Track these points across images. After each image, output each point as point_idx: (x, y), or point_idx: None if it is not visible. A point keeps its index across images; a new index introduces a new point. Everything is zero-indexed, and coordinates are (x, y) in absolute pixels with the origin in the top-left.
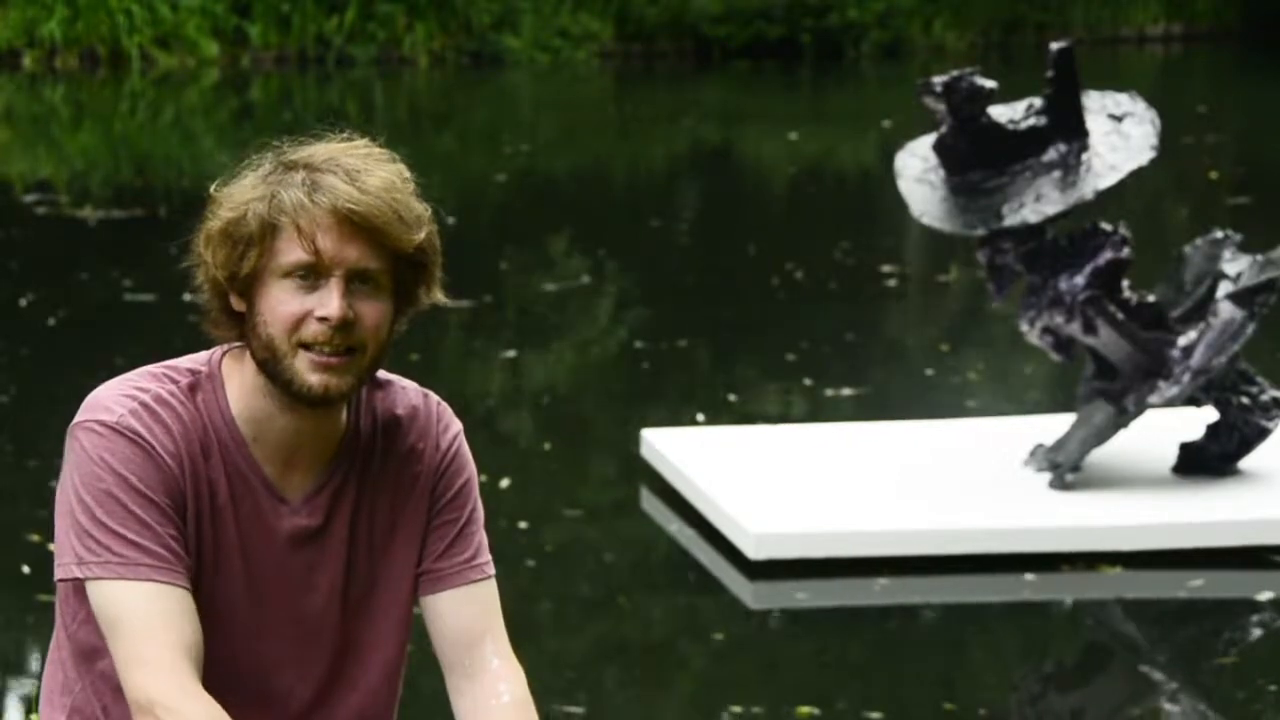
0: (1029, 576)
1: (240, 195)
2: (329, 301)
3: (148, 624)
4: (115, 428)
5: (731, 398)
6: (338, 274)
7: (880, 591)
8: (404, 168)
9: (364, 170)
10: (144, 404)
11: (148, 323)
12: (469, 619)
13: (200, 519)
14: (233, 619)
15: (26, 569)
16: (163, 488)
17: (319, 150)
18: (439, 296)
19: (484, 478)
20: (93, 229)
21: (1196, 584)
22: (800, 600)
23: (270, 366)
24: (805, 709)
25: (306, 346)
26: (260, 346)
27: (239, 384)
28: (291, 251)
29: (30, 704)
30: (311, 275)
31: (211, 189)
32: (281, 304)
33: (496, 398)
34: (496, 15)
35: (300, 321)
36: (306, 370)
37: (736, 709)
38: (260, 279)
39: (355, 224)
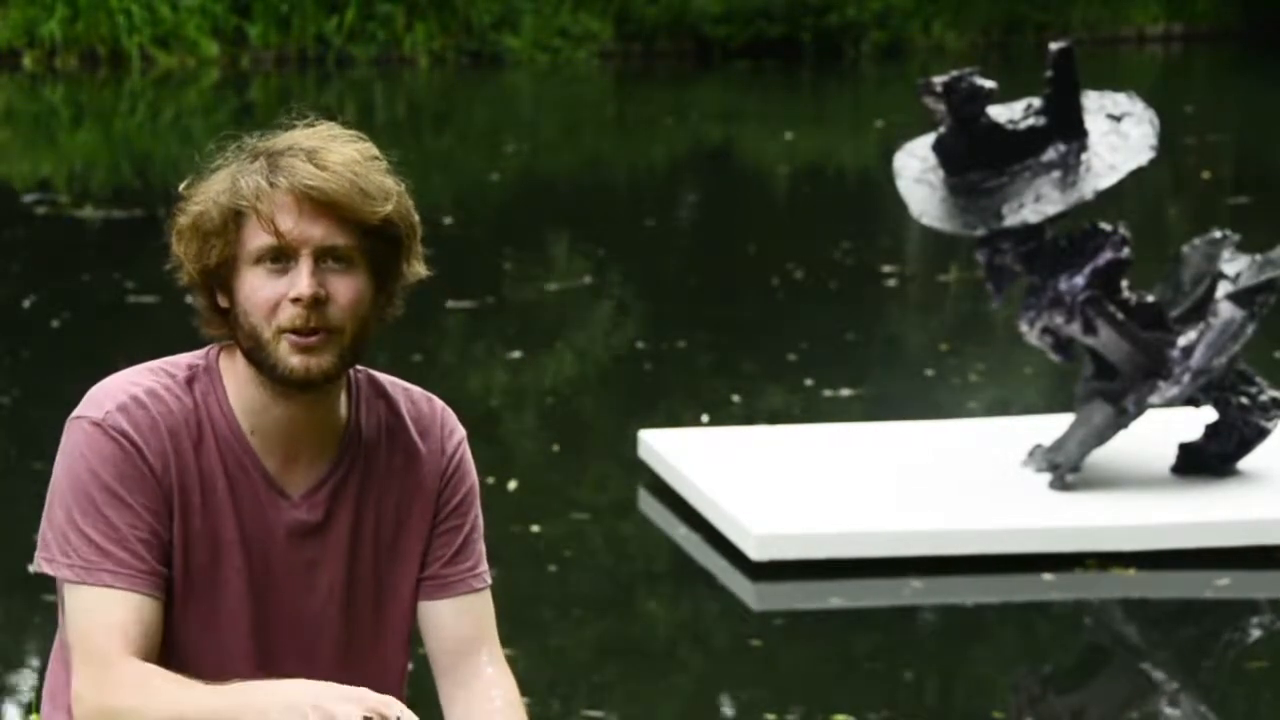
0: (1047, 577)
1: (206, 189)
2: (299, 281)
3: (96, 630)
4: (100, 425)
5: (735, 399)
6: (305, 253)
7: (884, 592)
8: (371, 146)
9: (324, 149)
10: (135, 398)
11: (150, 324)
12: (467, 627)
13: (191, 513)
14: (233, 614)
15: (31, 569)
16: (141, 488)
17: (282, 138)
18: (420, 270)
19: (490, 480)
20: (93, 229)
21: (1223, 583)
22: (803, 601)
23: (255, 355)
24: (841, 717)
25: (285, 330)
26: (245, 337)
27: (235, 377)
28: (257, 237)
29: (32, 703)
30: (281, 258)
31: (180, 188)
32: (256, 290)
33: (499, 399)
34: (496, 15)
35: (276, 306)
36: (288, 354)
37: (770, 716)
38: (235, 269)
39: (316, 200)
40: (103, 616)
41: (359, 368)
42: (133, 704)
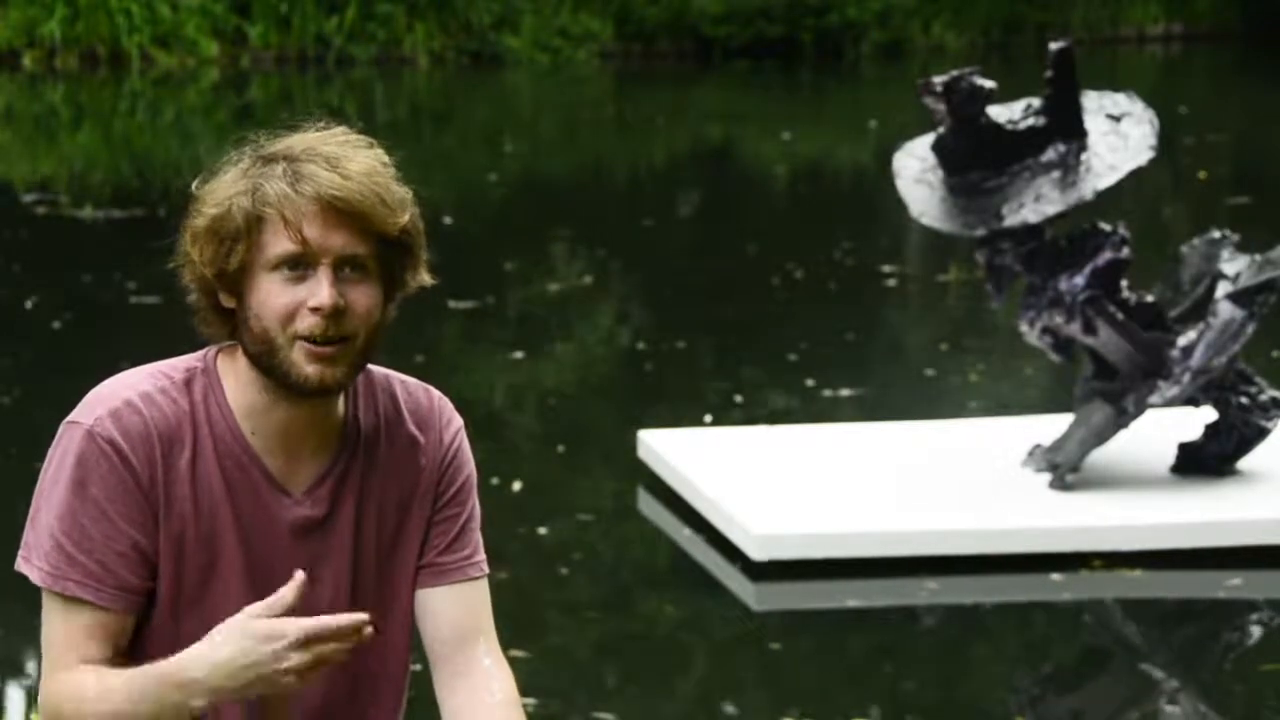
0: (1055, 577)
1: (223, 191)
2: (319, 291)
3: (56, 639)
4: (90, 431)
5: (736, 399)
6: (326, 262)
7: (885, 592)
8: (382, 152)
9: (344, 157)
10: (128, 402)
11: (152, 325)
12: (464, 616)
13: (183, 519)
14: (236, 615)
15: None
16: (124, 500)
17: (296, 141)
18: (425, 279)
19: (494, 480)
20: (93, 229)
21: (1234, 583)
22: (803, 601)
23: (265, 360)
24: None
25: (301, 338)
26: (254, 341)
27: (234, 379)
28: (279, 243)
29: (32, 702)
30: (300, 265)
31: (192, 187)
32: (273, 296)
33: (499, 399)
34: (496, 15)
35: (293, 313)
36: (303, 362)
37: (787, 719)
38: (249, 273)
39: (340, 210)
40: (63, 626)
41: None
42: (69, 710)
